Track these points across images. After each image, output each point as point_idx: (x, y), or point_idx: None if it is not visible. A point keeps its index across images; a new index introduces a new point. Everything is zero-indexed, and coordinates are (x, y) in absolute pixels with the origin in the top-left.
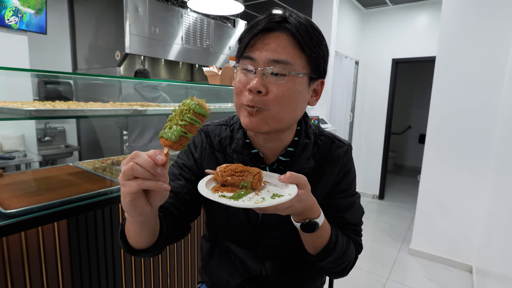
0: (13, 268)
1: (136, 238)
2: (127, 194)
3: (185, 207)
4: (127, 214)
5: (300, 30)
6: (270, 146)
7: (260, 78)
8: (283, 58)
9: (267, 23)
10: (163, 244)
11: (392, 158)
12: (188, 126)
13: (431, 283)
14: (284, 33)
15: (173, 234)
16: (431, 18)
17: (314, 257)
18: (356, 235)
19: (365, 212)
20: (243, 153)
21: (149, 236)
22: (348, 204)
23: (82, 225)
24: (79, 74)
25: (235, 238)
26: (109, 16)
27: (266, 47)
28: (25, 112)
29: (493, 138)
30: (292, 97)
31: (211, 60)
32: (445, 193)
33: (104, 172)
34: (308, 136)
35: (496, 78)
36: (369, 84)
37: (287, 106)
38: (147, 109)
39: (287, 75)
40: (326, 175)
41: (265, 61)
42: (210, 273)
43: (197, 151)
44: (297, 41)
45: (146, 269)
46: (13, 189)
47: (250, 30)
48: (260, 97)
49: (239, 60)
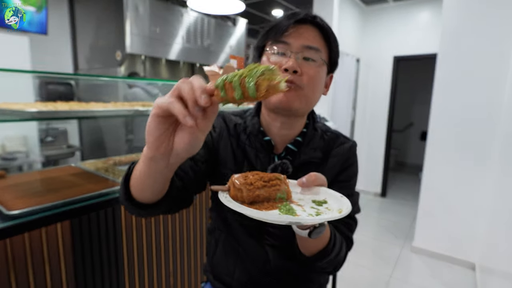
0: (16, 269)
1: (138, 185)
2: (157, 106)
3: (200, 174)
4: (144, 148)
5: (326, 27)
6: (284, 133)
7: (295, 59)
8: (315, 45)
9: (298, 16)
10: (164, 207)
11: (394, 156)
12: (228, 85)
13: (434, 280)
14: (314, 26)
15: (178, 201)
16: (432, 14)
17: (310, 259)
18: (348, 230)
19: (367, 210)
20: (258, 137)
21: (152, 190)
22: (344, 195)
23: (85, 226)
24: (80, 74)
25: (241, 224)
26: (109, 16)
27: (300, 35)
28: (28, 114)
29: (496, 134)
30: (319, 81)
31: (212, 59)
32: (448, 190)
33: (106, 173)
34: (316, 129)
35: (499, 74)
36: (370, 82)
37: (316, 89)
38: (149, 109)
39: (316, 61)
40: (329, 168)
41: (299, 46)
42: (216, 265)
43: (216, 131)
44: (324, 34)
45: (149, 269)
46: (16, 190)
47: (282, 21)
48: (296, 76)
49: (269, 46)
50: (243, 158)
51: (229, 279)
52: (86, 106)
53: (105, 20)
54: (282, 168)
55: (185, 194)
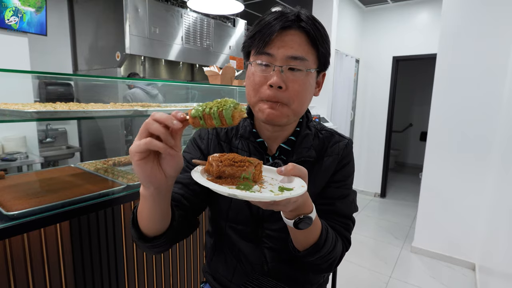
0: (15, 270)
1: (148, 218)
2: (135, 153)
3: (195, 198)
4: (141, 189)
5: (313, 28)
6: (276, 135)
7: (279, 74)
8: (300, 54)
9: (284, 22)
10: (174, 233)
11: (394, 156)
12: (207, 116)
13: (434, 281)
14: (299, 31)
15: (184, 226)
16: (431, 15)
17: (302, 253)
18: (345, 229)
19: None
20: (249, 140)
21: (161, 218)
22: (341, 195)
23: (84, 227)
24: (80, 75)
25: (236, 230)
26: (109, 16)
27: (283, 44)
28: (27, 114)
29: (496, 135)
30: (307, 91)
31: (212, 60)
32: (448, 191)
33: (105, 173)
34: (309, 128)
35: (498, 74)
36: (370, 82)
37: (304, 100)
38: (148, 109)
39: (303, 71)
40: (325, 167)
41: (283, 57)
42: (214, 269)
43: (204, 143)
44: (311, 38)
45: (149, 270)
46: (15, 191)
47: (267, 27)
48: (281, 92)
49: (254, 57)
50: None
51: (227, 282)
52: (85, 107)
53: (105, 21)
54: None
55: (191, 215)
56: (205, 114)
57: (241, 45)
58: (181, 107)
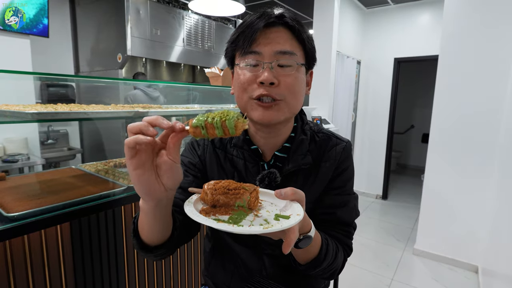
0: (16, 271)
1: (149, 230)
2: (126, 149)
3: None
4: (141, 202)
5: (297, 25)
6: (270, 141)
7: (269, 70)
8: (288, 49)
9: (267, 19)
10: (176, 240)
11: (395, 158)
12: (209, 126)
13: (436, 283)
14: (283, 27)
15: (185, 232)
16: (433, 16)
17: (303, 267)
18: (346, 237)
19: (369, 212)
20: (243, 148)
21: (162, 229)
22: (341, 202)
23: (85, 228)
24: (81, 76)
25: (234, 235)
26: (110, 18)
27: (270, 41)
28: (27, 115)
29: (498, 136)
30: (299, 85)
31: (213, 61)
32: (450, 193)
33: (106, 175)
34: (304, 133)
35: (501, 76)
36: (371, 84)
37: (298, 95)
38: (149, 111)
39: (293, 66)
40: (323, 172)
41: (271, 53)
42: (212, 273)
43: (200, 149)
44: (296, 34)
45: (149, 271)
46: (16, 192)
47: (250, 26)
48: (273, 88)
49: (240, 59)
50: (233, 170)
51: (226, 287)
52: (86, 108)
53: (106, 23)
54: (269, 178)
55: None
56: (207, 124)
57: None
58: (182, 108)
